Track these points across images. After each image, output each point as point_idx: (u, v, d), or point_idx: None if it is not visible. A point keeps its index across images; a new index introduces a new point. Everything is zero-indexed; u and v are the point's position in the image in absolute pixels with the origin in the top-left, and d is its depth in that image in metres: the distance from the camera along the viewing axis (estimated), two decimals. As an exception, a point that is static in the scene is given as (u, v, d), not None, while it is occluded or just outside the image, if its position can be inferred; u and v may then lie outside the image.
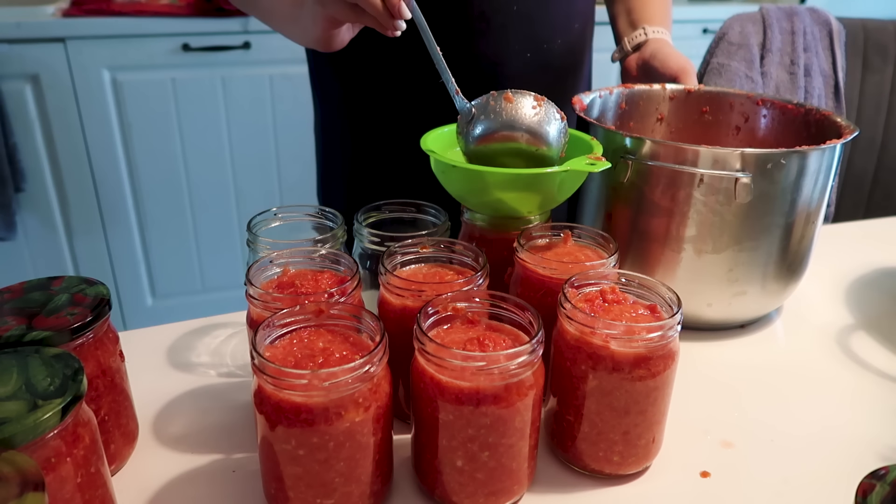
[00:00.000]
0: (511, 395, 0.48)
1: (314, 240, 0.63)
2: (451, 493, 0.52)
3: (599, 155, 0.66)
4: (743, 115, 0.90)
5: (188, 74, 1.88)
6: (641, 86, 0.92)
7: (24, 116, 1.78)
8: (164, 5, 1.86)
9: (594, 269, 0.60)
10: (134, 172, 1.93)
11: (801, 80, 1.45)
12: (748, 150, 0.67)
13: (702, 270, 0.73)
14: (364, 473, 0.49)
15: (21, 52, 1.73)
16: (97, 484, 0.46)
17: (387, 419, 0.50)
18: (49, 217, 1.89)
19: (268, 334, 0.49)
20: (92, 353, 0.53)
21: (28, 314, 0.52)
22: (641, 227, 0.74)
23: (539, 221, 0.70)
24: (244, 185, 2.05)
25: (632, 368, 0.52)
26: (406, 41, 0.72)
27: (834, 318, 0.83)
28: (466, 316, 0.54)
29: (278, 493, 0.49)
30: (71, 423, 0.43)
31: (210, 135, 1.96)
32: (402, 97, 0.92)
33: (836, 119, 0.79)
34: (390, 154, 0.95)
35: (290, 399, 0.46)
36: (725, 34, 1.46)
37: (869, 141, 1.52)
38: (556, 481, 0.57)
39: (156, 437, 0.61)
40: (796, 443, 0.62)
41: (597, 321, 0.52)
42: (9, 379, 0.43)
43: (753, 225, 0.70)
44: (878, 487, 0.38)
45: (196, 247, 2.07)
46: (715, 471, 0.58)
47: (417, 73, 0.92)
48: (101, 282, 0.56)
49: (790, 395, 0.69)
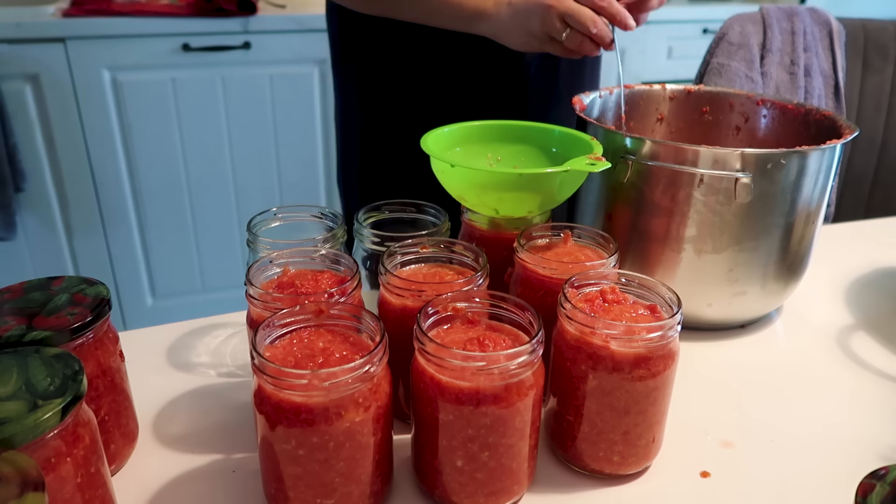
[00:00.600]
0: (511, 395, 0.48)
1: (314, 239, 0.63)
2: (451, 493, 0.52)
3: (599, 155, 0.66)
4: (743, 115, 0.90)
5: (188, 74, 1.88)
6: (641, 86, 0.92)
7: (24, 116, 1.78)
8: (164, 5, 1.86)
9: (594, 269, 0.60)
10: (134, 172, 1.93)
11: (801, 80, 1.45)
12: (748, 150, 0.67)
13: (702, 270, 0.73)
14: (364, 473, 0.49)
15: (21, 52, 1.73)
16: (97, 484, 0.46)
17: (387, 419, 0.50)
18: (49, 217, 1.89)
19: (268, 334, 0.49)
20: (92, 353, 0.53)
21: (28, 314, 0.52)
22: (641, 227, 0.74)
23: (539, 221, 0.70)
24: (244, 185, 2.05)
25: (632, 368, 0.52)
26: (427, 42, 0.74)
27: (834, 318, 0.83)
28: (466, 316, 0.54)
29: (278, 493, 0.49)
30: (71, 423, 0.43)
31: (210, 135, 1.96)
32: (418, 97, 0.93)
33: (836, 119, 0.79)
34: (402, 153, 0.96)
35: (290, 399, 0.46)
36: (725, 34, 1.46)
37: (869, 141, 1.52)
38: (556, 481, 0.57)
39: (156, 437, 0.61)
40: (796, 443, 0.62)
41: (597, 321, 0.52)
42: (9, 379, 0.43)
43: (753, 225, 0.70)
44: (878, 487, 0.38)
45: (196, 247, 2.07)
46: (715, 471, 0.58)
47: (434, 74, 0.93)
48: (101, 282, 0.56)
49: (790, 395, 0.69)
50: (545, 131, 0.77)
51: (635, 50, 2.35)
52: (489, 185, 0.63)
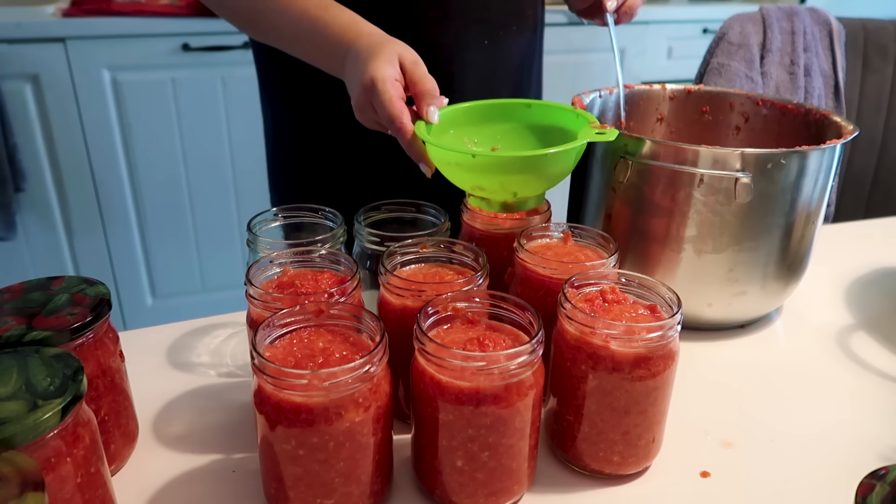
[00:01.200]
0: (511, 395, 0.48)
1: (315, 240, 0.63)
2: (451, 493, 0.52)
3: (597, 123, 0.66)
4: (743, 115, 0.90)
5: (188, 74, 1.88)
6: (641, 86, 0.92)
7: (24, 116, 1.78)
8: (164, 5, 1.86)
9: (594, 269, 0.60)
10: (134, 172, 1.93)
11: (801, 80, 1.45)
12: (748, 150, 0.67)
13: (702, 270, 0.73)
14: (364, 473, 0.49)
15: (21, 52, 1.73)
16: (97, 484, 0.46)
17: (387, 419, 0.50)
18: (49, 217, 1.89)
19: (268, 334, 0.49)
20: (92, 353, 0.53)
21: (28, 314, 0.52)
22: (641, 227, 0.74)
23: (539, 221, 0.70)
24: (244, 185, 2.05)
25: (632, 368, 0.52)
26: None
27: (834, 318, 0.83)
28: (466, 316, 0.54)
29: (278, 493, 0.49)
30: (71, 423, 0.43)
31: (210, 135, 1.96)
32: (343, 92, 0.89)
33: (836, 119, 0.79)
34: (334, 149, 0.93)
35: (290, 399, 0.46)
36: (725, 34, 1.46)
37: (869, 141, 1.52)
38: (556, 481, 0.57)
39: (156, 437, 0.61)
40: (796, 443, 0.62)
41: (597, 321, 0.52)
42: (9, 379, 0.43)
43: (753, 225, 0.70)
44: (878, 487, 0.38)
45: (196, 247, 2.06)
46: (715, 471, 0.58)
47: None
48: (101, 282, 0.56)
49: (790, 395, 0.69)
50: (540, 107, 0.74)
51: (635, 50, 2.35)
52: (515, 169, 0.62)
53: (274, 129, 1.04)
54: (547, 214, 0.71)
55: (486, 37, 0.88)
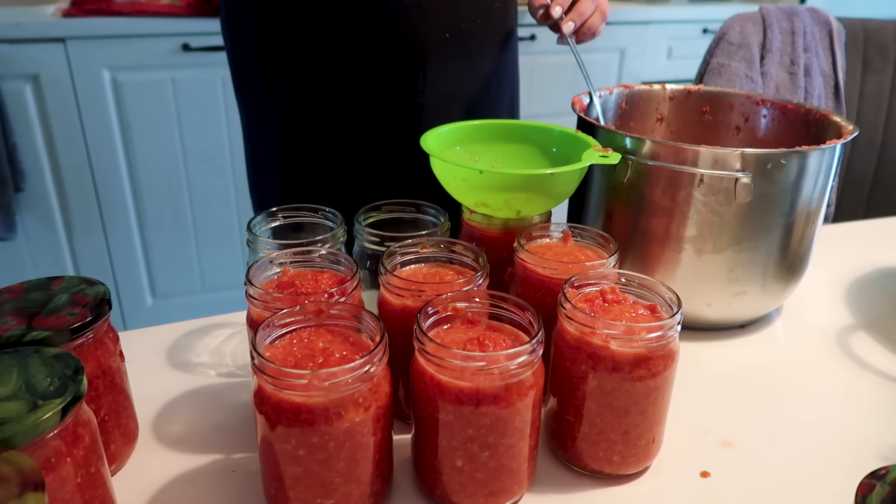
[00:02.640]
0: (511, 395, 0.48)
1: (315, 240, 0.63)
2: (451, 493, 0.52)
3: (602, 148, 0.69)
4: (743, 115, 0.90)
5: (188, 74, 1.88)
6: (641, 86, 0.92)
7: (24, 116, 1.78)
8: (164, 5, 1.86)
9: (594, 269, 0.60)
10: (134, 172, 1.93)
11: (801, 80, 1.45)
12: (748, 150, 0.67)
13: (702, 270, 0.73)
14: (364, 473, 0.49)
15: (21, 52, 1.73)
16: (97, 484, 0.46)
17: (387, 419, 0.50)
18: (49, 217, 1.89)
19: (268, 334, 0.49)
20: (92, 353, 0.53)
21: (28, 314, 0.52)
22: (641, 227, 0.74)
23: (539, 221, 0.70)
24: (244, 185, 2.04)
25: (632, 368, 0.52)
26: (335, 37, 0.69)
27: (834, 318, 0.83)
28: (466, 316, 0.54)
29: (278, 493, 0.49)
30: (71, 423, 0.43)
31: (210, 135, 1.96)
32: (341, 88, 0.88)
33: (836, 119, 0.79)
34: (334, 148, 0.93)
35: (290, 399, 0.46)
36: (725, 34, 1.46)
37: (869, 141, 1.52)
38: (556, 481, 0.57)
39: (156, 437, 0.61)
40: (796, 443, 0.62)
41: (597, 321, 0.52)
42: (9, 379, 0.43)
43: (753, 225, 0.70)
44: (878, 487, 0.38)
45: (196, 247, 2.06)
46: (715, 471, 0.58)
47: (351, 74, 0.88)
48: (101, 282, 0.56)
49: (790, 395, 0.69)
50: (544, 131, 0.78)
51: (635, 50, 2.35)
52: (520, 187, 0.64)
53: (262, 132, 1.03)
54: (547, 214, 0.71)
55: (448, 30, 0.87)
